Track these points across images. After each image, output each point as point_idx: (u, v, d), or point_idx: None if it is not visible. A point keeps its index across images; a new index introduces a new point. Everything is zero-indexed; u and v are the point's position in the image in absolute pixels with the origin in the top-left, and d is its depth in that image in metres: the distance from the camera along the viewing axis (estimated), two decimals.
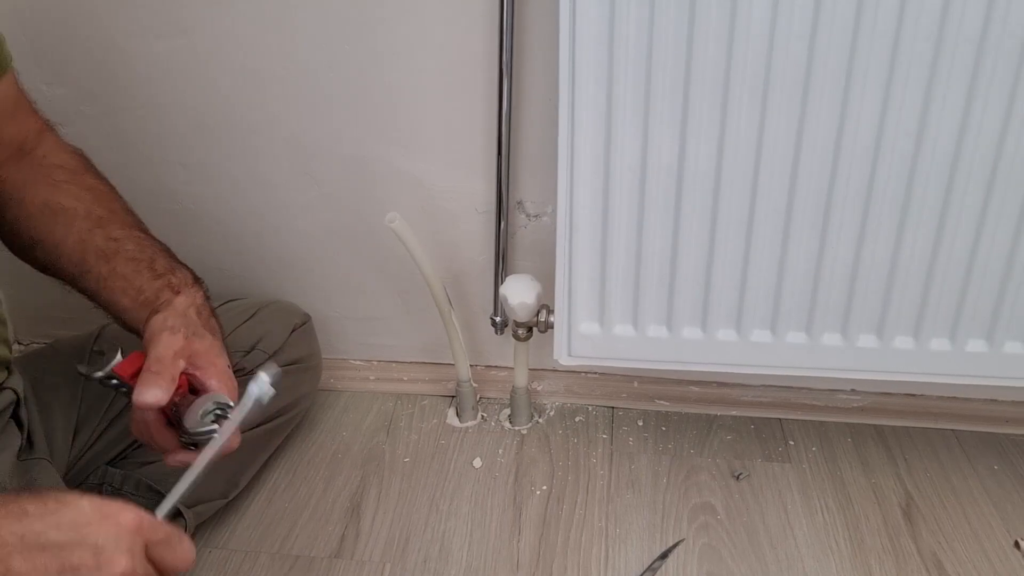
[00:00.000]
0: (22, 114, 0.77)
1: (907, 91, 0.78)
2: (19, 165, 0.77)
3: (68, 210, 0.75)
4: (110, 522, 0.48)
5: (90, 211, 0.76)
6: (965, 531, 0.90)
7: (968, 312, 0.88)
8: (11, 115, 0.75)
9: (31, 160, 0.77)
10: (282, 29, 0.94)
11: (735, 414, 1.09)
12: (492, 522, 0.91)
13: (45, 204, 0.75)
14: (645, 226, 0.87)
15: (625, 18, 0.78)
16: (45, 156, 0.78)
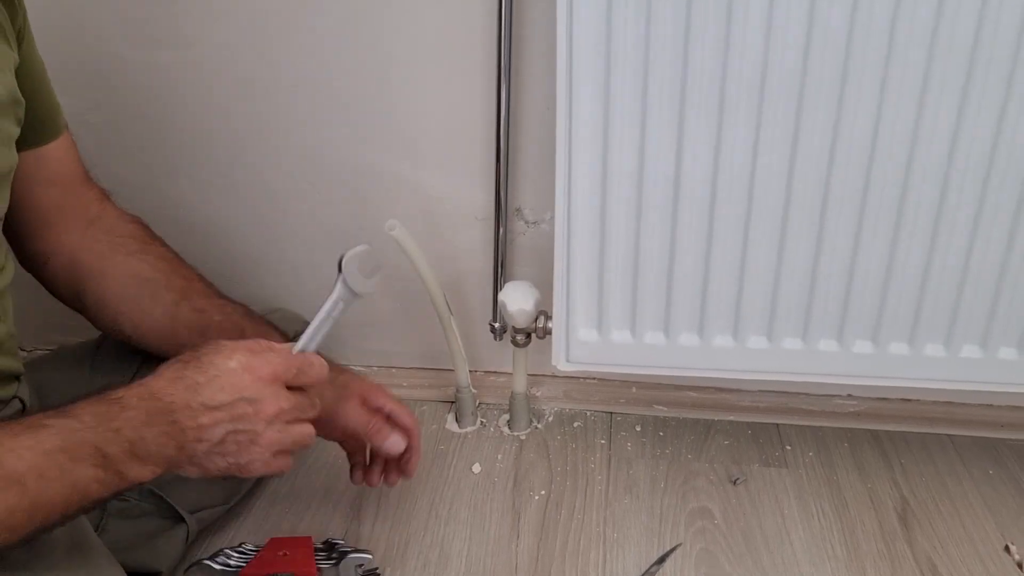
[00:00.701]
0: (82, 181, 0.79)
1: (900, 99, 0.79)
2: (90, 234, 0.79)
3: (151, 281, 0.79)
4: (254, 377, 0.62)
5: (170, 282, 0.79)
6: (960, 535, 0.90)
7: (962, 318, 0.88)
8: (72, 181, 0.78)
9: (100, 230, 0.80)
10: (283, 40, 0.95)
11: (732, 419, 1.10)
12: (491, 527, 0.92)
13: (128, 276, 0.79)
14: (642, 233, 0.88)
15: (622, 27, 0.78)
16: (113, 226, 0.80)
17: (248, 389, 0.61)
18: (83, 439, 0.55)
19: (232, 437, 0.61)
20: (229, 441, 0.61)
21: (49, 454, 0.54)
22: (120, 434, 0.57)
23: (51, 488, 0.54)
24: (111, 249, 0.79)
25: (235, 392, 0.61)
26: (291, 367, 0.64)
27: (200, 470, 0.62)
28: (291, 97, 0.98)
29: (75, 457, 0.55)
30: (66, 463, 0.54)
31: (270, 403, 0.62)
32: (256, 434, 0.62)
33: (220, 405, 0.60)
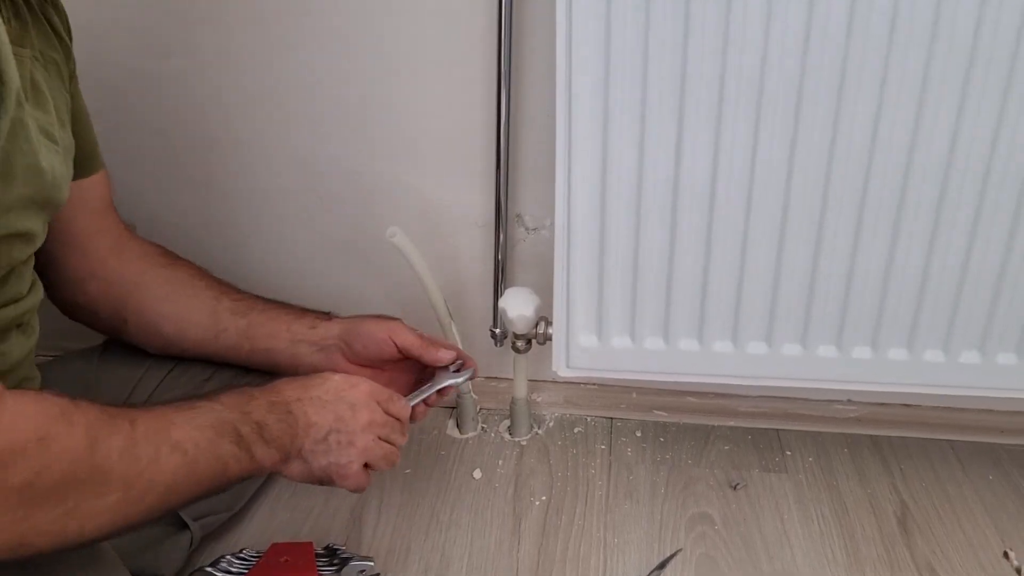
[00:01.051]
0: (114, 211, 0.86)
1: (899, 103, 0.79)
2: (124, 256, 0.85)
3: (189, 282, 0.87)
4: (356, 389, 0.75)
5: (207, 282, 0.88)
6: (960, 541, 0.90)
7: (961, 323, 0.89)
8: (106, 211, 0.84)
9: (131, 252, 0.86)
10: (284, 48, 0.96)
11: (732, 424, 1.10)
12: (492, 532, 0.92)
13: (167, 280, 0.86)
14: (642, 239, 0.88)
15: (621, 32, 0.79)
16: (143, 248, 0.87)
17: (348, 396, 0.74)
18: (225, 418, 0.65)
19: (334, 436, 0.72)
20: (331, 439, 0.72)
21: (202, 428, 0.63)
22: (250, 417, 0.67)
23: (203, 458, 0.63)
24: (146, 264, 0.86)
25: (337, 396, 0.73)
26: (383, 392, 0.77)
27: (304, 467, 0.72)
28: (292, 104, 0.99)
29: (220, 433, 0.64)
30: (214, 437, 0.64)
31: (365, 411, 0.74)
32: (353, 435, 0.73)
33: (325, 404, 0.73)
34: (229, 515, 0.90)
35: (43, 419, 0.54)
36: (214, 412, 0.65)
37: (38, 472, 0.52)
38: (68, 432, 0.55)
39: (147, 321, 0.86)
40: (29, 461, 0.52)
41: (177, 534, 0.82)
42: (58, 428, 0.54)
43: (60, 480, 0.54)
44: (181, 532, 0.82)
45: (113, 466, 0.57)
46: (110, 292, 0.85)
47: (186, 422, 0.63)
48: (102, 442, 0.56)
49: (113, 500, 0.57)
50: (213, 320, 0.87)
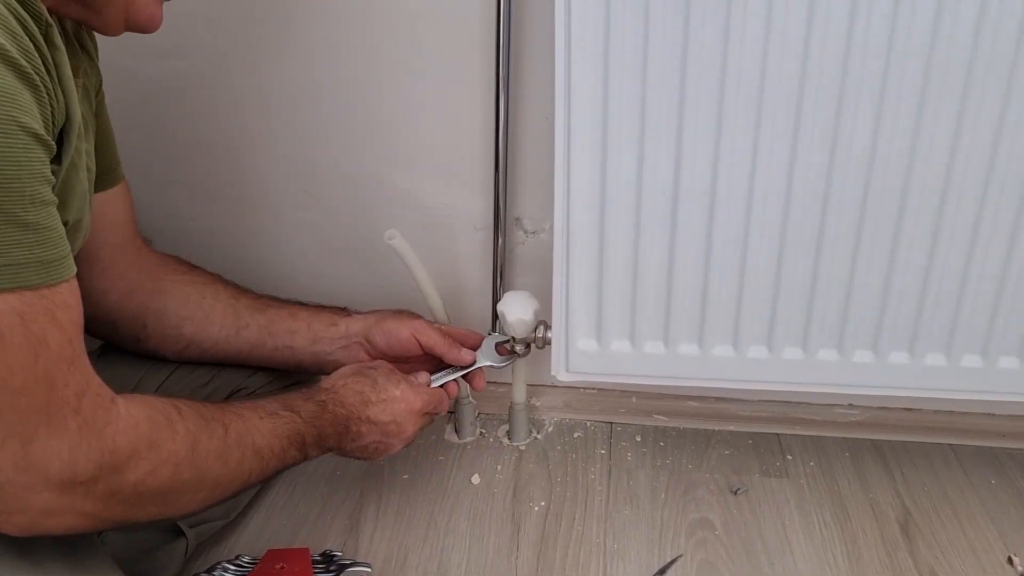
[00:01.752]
0: (134, 225, 0.87)
1: (900, 107, 0.79)
2: (144, 267, 0.87)
3: (208, 285, 0.90)
4: (408, 408, 0.82)
5: (225, 283, 0.91)
6: (962, 546, 0.90)
7: (962, 327, 0.88)
8: (127, 224, 0.86)
9: (150, 262, 0.88)
10: (281, 50, 0.95)
11: (733, 429, 1.09)
12: (490, 538, 0.91)
13: (186, 285, 0.88)
14: (641, 243, 0.87)
15: (620, 37, 0.79)
16: (161, 259, 0.89)
17: (400, 416, 0.81)
18: (299, 430, 0.73)
19: (375, 445, 0.81)
20: (371, 447, 0.81)
21: (280, 438, 0.71)
22: (317, 430, 0.75)
23: (274, 461, 0.70)
24: (165, 272, 0.88)
25: (391, 416, 0.81)
26: (432, 403, 0.85)
27: (338, 455, 0.81)
28: (290, 108, 0.98)
29: (291, 442, 0.72)
30: (286, 446, 0.71)
31: (410, 429, 0.83)
32: (391, 447, 0.82)
33: (378, 423, 0.80)
34: (225, 522, 0.90)
35: (152, 425, 0.60)
36: (294, 424, 0.72)
37: (147, 474, 0.59)
38: (173, 438, 0.61)
39: (168, 324, 0.87)
40: (141, 464, 0.58)
41: (173, 541, 0.82)
42: (165, 434, 0.60)
43: (166, 482, 0.60)
44: (177, 539, 0.82)
45: (209, 468, 0.64)
46: (129, 303, 0.85)
47: (269, 431, 0.70)
48: (201, 447, 0.63)
49: (201, 496, 0.65)
50: (234, 317, 0.89)
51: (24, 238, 0.50)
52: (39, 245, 0.51)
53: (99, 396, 0.56)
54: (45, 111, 0.53)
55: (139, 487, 0.58)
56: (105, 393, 0.57)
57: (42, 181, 0.52)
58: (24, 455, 0.52)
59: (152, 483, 0.59)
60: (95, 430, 0.55)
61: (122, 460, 0.57)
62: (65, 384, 0.53)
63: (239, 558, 0.83)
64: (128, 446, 0.57)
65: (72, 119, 0.59)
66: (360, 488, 0.99)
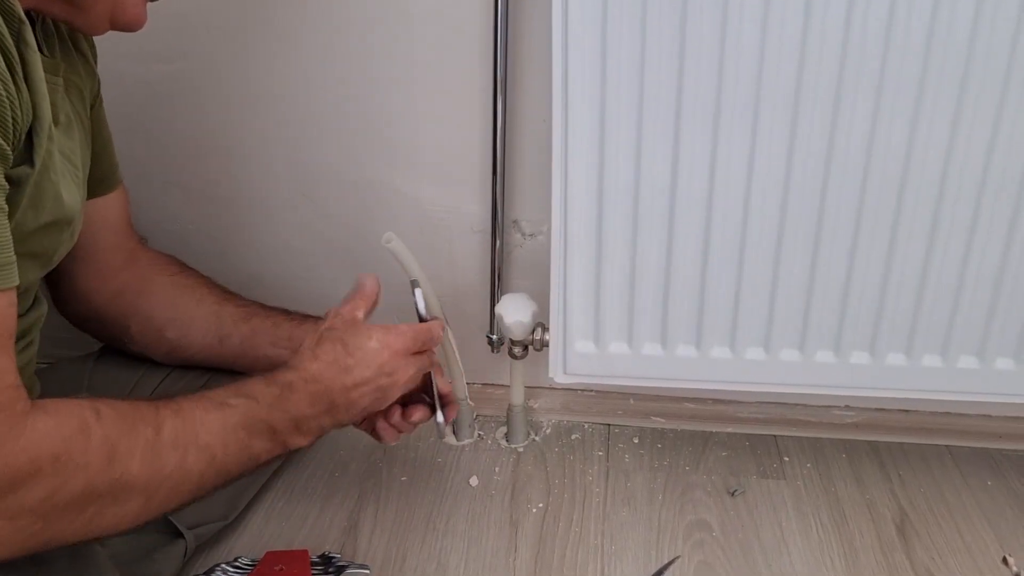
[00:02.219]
0: (129, 226, 0.87)
1: (896, 110, 0.79)
2: (134, 267, 0.86)
3: (194, 288, 0.88)
4: (391, 352, 0.75)
5: (212, 289, 0.89)
6: (959, 546, 0.90)
7: (959, 329, 0.89)
8: (122, 227, 0.85)
9: (141, 262, 0.87)
10: (279, 53, 0.96)
11: (730, 431, 1.09)
12: (488, 540, 0.92)
13: (172, 287, 0.87)
14: (639, 245, 0.88)
15: (617, 40, 0.79)
16: (153, 258, 0.89)
17: (387, 364, 0.75)
18: (259, 417, 0.67)
19: (374, 402, 0.75)
20: (372, 406, 0.75)
21: (233, 430, 0.65)
22: (288, 414, 0.69)
23: (232, 457, 0.65)
24: (153, 272, 0.87)
25: (376, 368, 0.74)
26: (418, 339, 0.78)
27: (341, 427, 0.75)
28: (287, 111, 0.99)
29: (252, 433, 0.66)
30: (245, 438, 0.66)
31: (403, 372, 0.76)
32: (392, 394, 0.76)
33: (366, 380, 0.73)
34: (224, 524, 0.90)
35: (59, 437, 0.54)
36: (249, 411, 0.66)
37: (54, 489, 0.53)
38: (85, 448, 0.55)
39: (151, 327, 0.86)
40: (44, 481, 0.53)
41: (171, 543, 0.82)
42: (74, 445, 0.55)
43: (78, 495, 0.55)
44: (175, 541, 0.82)
45: (134, 476, 0.58)
46: (117, 301, 0.85)
47: (217, 423, 0.64)
48: (121, 454, 0.57)
49: (135, 506, 0.59)
50: (217, 326, 0.87)
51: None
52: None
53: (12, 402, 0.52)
54: (4, 113, 0.52)
55: (47, 503, 0.54)
56: (15, 407, 0.53)
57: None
58: None
59: (61, 499, 0.54)
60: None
61: (19, 478, 0.52)
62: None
63: (238, 560, 0.83)
64: (28, 463, 0.52)
65: (41, 119, 0.57)
66: (359, 490, 0.99)
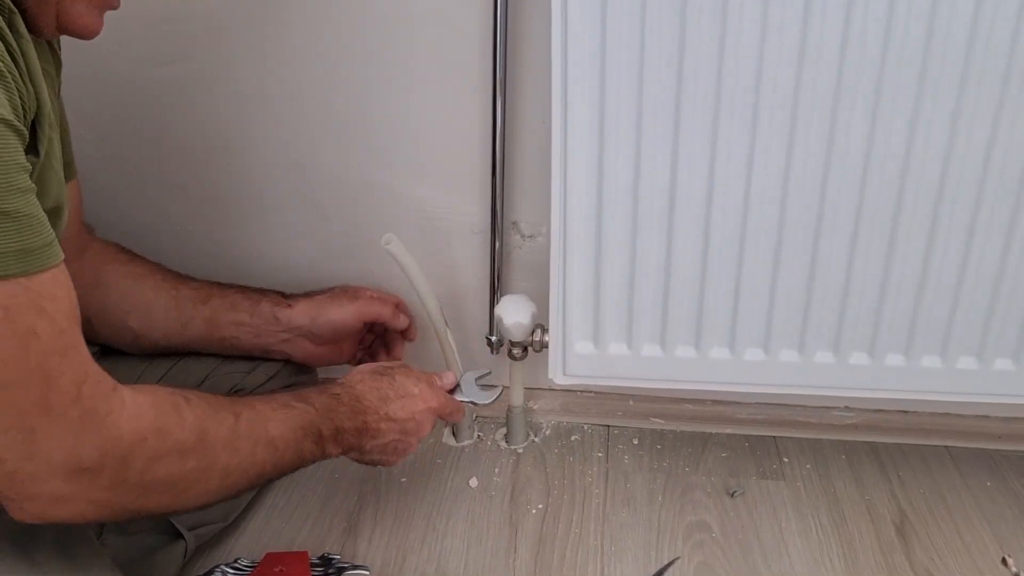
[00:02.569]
0: (81, 220, 0.85)
1: (894, 113, 0.79)
2: (84, 258, 0.84)
3: (148, 276, 0.88)
4: (426, 406, 0.83)
5: (165, 275, 0.90)
6: (958, 547, 0.90)
7: (958, 329, 0.89)
8: (74, 221, 0.82)
9: (91, 253, 0.86)
10: (279, 55, 0.96)
11: (730, 432, 1.09)
12: (488, 541, 0.92)
13: (126, 278, 0.87)
14: (638, 246, 0.88)
15: (617, 41, 0.79)
16: (101, 248, 0.88)
17: (418, 414, 0.82)
18: (313, 422, 0.73)
19: (394, 444, 0.81)
20: (390, 447, 0.81)
21: (293, 429, 0.70)
22: (333, 423, 0.75)
23: (288, 453, 0.70)
24: (104, 263, 0.86)
25: (409, 414, 0.81)
26: (447, 408, 0.87)
27: (358, 458, 0.81)
28: (286, 112, 0.99)
29: (307, 434, 0.72)
30: (301, 438, 0.71)
31: (425, 428, 0.84)
32: (409, 447, 0.83)
33: (397, 419, 0.80)
34: (224, 525, 0.90)
35: (159, 413, 0.60)
36: (307, 415, 0.72)
37: (153, 461, 0.59)
38: (180, 425, 0.61)
39: (113, 319, 0.86)
40: (148, 450, 0.58)
41: (171, 544, 0.82)
42: (172, 421, 0.60)
43: (173, 470, 0.60)
44: (175, 542, 0.82)
45: (217, 457, 0.63)
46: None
47: (281, 421, 0.70)
48: (210, 435, 0.63)
49: (214, 485, 0.64)
50: (177, 311, 0.88)
51: (4, 227, 0.49)
52: (19, 233, 0.51)
53: (99, 384, 0.56)
54: (14, 99, 0.52)
55: (146, 475, 0.58)
56: (106, 381, 0.57)
57: (18, 169, 0.51)
58: (28, 445, 0.53)
59: (159, 471, 0.59)
60: (97, 418, 0.55)
61: (127, 448, 0.57)
62: (61, 374, 0.53)
63: (238, 561, 0.83)
64: (133, 433, 0.57)
65: (43, 108, 0.59)
66: (358, 491, 0.99)
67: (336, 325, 0.93)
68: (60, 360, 0.53)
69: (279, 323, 0.91)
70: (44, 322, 0.52)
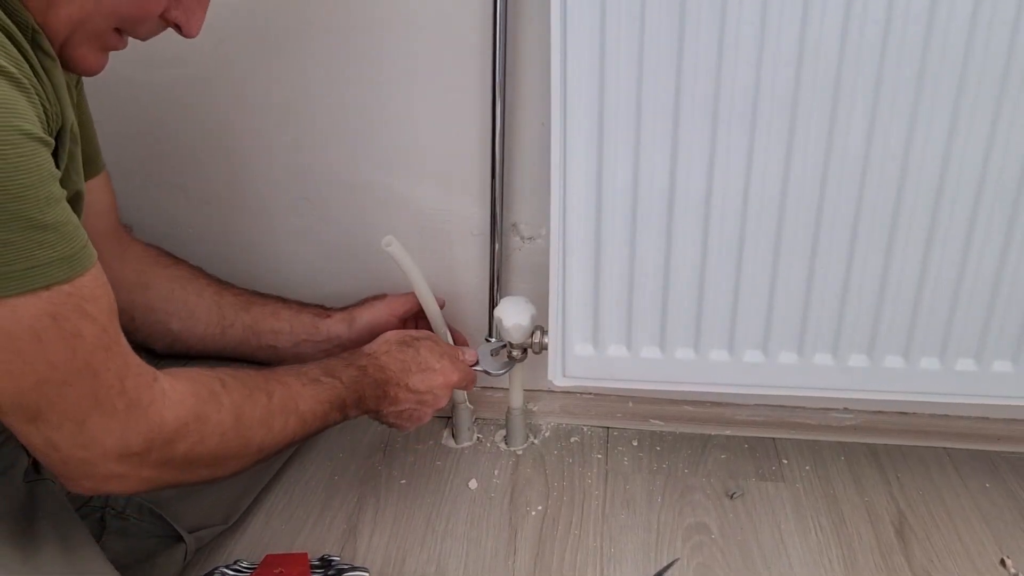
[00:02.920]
0: (116, 215, 0.88)
1: (894, 114, 0.79)
2: (127, 258, 0.88)
3: (192, 279, 0.92)
4: (445, 380, 0.87)
5: (208, 279, 0.94)
6: (957, 549, 0.90)
7: (957, 331, 0.89)
8: (109, 214, 0.87)
9: (133, 254, 0.89)
10: (279, 57, 0.96)
11: (729, 433, 1.10)
12: (488, 542, 0.92)
13: (171, 280, 0.90)
14: (637, 248, 0.88)
15: (616, 43, 0.79)
16: (143, 250, 0.91)
17: (436, 388, 0.86)
18: (340, 395, 0.77)
19: (409, 412, 0.85)
20: (406, 414, 0.85)
21: (322, 403, 0.75)
22: (357, 393, 0.79)
23: (316, 424, 0.75)
24: (148, 265, 0.90)
25: (428, 387, 0.85)
26: (464, 380, 0.90)
27: (375, 418, 0.85)
28: (288, 114, 0.99)
29: (333, 407, 0.77)
30: (328, 411, 0.76)
31: (442, 401, 0.88)
32: (424, 416, 0.87)
33: (415, 391, 0.84)
34: (224, 527, 0.90)
35: (198, 399, 0.64)
36: (335, 390, 0.77)
37: (195, 444, 0.63)
38: (219, 410, 0.65)
39: (155, 320, 0.89)
40: (190, 436, 0.63)
41: (172, 547, 0.82)
42: (211, 407, 0.65)
43: (213, 451, 0.65)
44: (176, 545, 0.82)
45: (254, 435, 0.69)
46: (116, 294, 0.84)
47: (311, 396, 0.75)
48: (246, 417, 0.68)
49: (249, 460, 0.70)
50: (219, 315, 0.92)
51: (45, 239, 0.52)
52: (61, 242, 0.53)
53: (140, 376, 0.60)
54: (40, 113, 0.54)
55: (190, 455, 0.63)
56: (147, 372, 0.61)
57: (52, 180, 0.54)
58: (80, 435, 0.57)
59: (201, 451, 0.64)
60: (142, 408, 0.59)
61: (171, 433, 0.61)
62: (106, 369, 0.57)
63: (238, 563, 0.83)
64: (176, 420, 0.61)
65: (66, 124, 0.61)
66: (358, 493, 0.99)
67: (372, 325, 0.96)
68: (105, 356, 0.57)
69: (319, 332, 0.95)
70: (87, 323, 0.56)
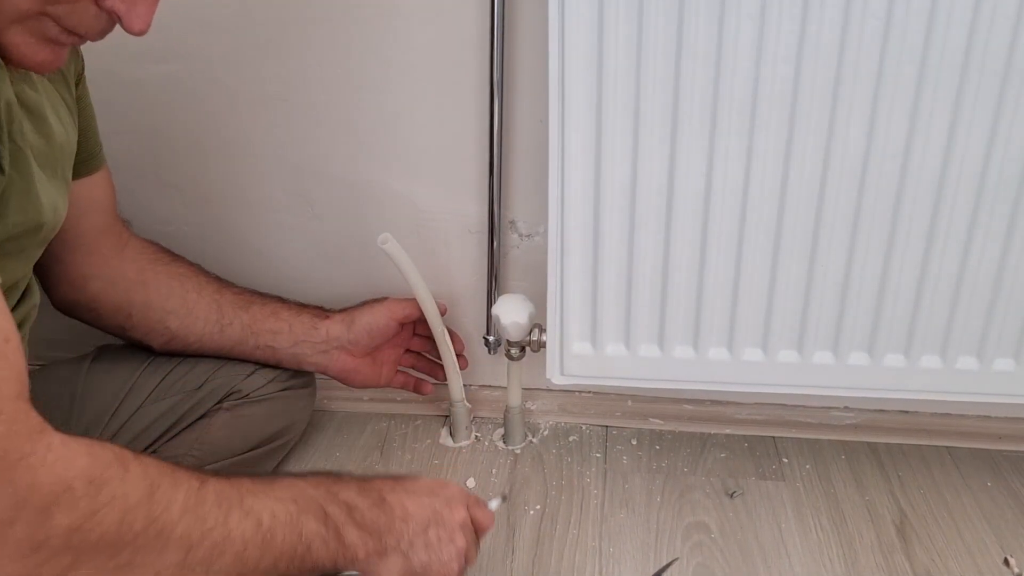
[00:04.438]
0: (115, 211, 0.86)
1: (893, 112, 0.79)
2: (126, 254, 0.86)
3: (191, 277, 0.89)
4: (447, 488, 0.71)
5: (207, 277, 0.91)
6: (959, 548, 0.90)
7: (958, 329, 0.88)
8: (109, 210, 0.85)
9: (132, 250, 0.87)
10: (276, 54, 0.95)
11: (729, 432, 1.09)
12: (486, 542, 0.91)
13: (170, 277, 0.88)
14: (636, 246, 0.87)
15: (614, 41, 0.79)
16: (143, 247, 0.89)
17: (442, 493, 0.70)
18: (308, 494, 0.62)
19: (434, 531, 0.67)
20: (431, 534, 0.67)
21: (281, 500, 0.60)
22: (338, 496, 0.63)
23: (281, 531, 0.58)
24: (148, 262, 0.88)
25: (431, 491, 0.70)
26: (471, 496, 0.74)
27: (404, 563, 0.66)
28: (283, 111, 0.98)
29: (302, 509, 0.60)
30: (295, 512, 0.60)
31: (461, 509, 0.70)
32: (453, 532, 0.68)
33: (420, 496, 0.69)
34: None
35: (94, 461, 0.50)
36: (295, 487, 0.62)
37: (88, 516, 0.48)
38: (122, 477, 0.51)
39: (153, 317, 0.87)
40: (78, 503, 0.48)
41: None
42: (111, 472, 0.50)
43: (112, 530, 0.49)
44: None
45: (174, 522, 0.52)
46: (113, 291, 0.85)
47: (262, 492, 0.59)
48: (162, 493, 0.52)
49: (172, 560, 0.52)
50: (218, 314, 0.89)
51: None
52: None
53: (15, 423, 0.46)
54: None
55: (76, 535, 0.48)
56: (28, 419, 0.48)
57: None
58: None
59: (94, 531, 0.49)
60: (8, 462, 0.45)
61: (46, 498, 0.46)
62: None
63: None
64: (56, 481, 0.47)
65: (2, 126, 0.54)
66: None
67: (371, 328, 0.95)
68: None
69: (318, 333, 0.93)
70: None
